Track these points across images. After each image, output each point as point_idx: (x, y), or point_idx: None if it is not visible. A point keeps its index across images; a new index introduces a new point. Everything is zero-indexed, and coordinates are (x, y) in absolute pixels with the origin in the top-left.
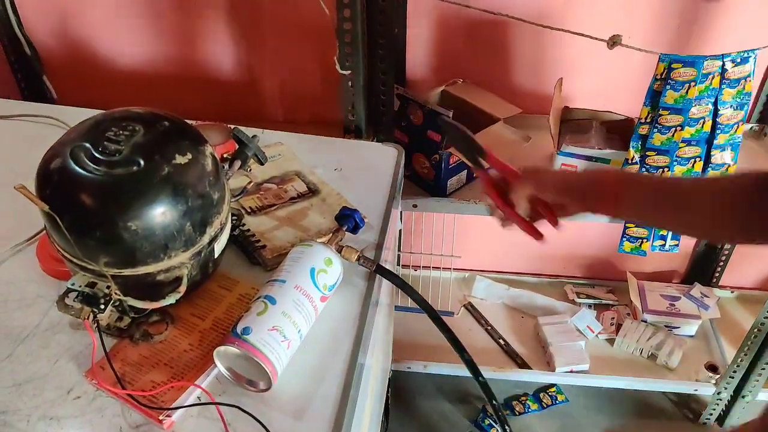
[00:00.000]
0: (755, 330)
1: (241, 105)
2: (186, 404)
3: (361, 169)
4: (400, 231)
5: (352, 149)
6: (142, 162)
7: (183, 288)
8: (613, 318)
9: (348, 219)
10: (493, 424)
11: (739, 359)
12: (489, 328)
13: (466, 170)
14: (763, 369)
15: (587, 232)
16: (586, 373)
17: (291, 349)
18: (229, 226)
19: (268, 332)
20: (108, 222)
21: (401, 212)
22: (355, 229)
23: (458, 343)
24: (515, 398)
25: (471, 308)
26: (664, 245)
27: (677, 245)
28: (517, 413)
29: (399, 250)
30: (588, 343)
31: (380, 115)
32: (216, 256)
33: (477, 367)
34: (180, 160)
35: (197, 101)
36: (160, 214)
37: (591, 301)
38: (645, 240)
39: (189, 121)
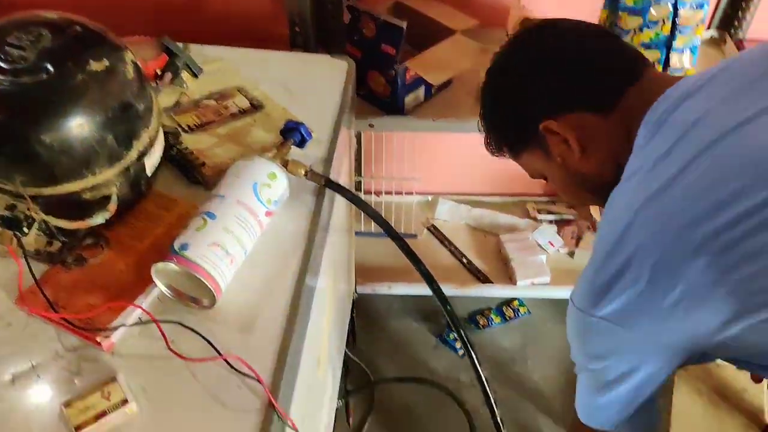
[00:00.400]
0: None
1: (181, 22)
2: (125, 324)
3: (309, 84)
4: (358, 155)
5: (300, 63)
6: (51, 69)
7: (112, 207)
8: (574, 232)
9: (293, 132)
10: (458, 338)
11: None
12: (452, 248)
13: (423, 86)
14: None
15: None
16: (547, 285)
17: (235, 265)
18: (161, 141)
19: (208, 248)
20: (18, 136)
21: (359, 133)
22: (301, 143)
23: (412, 254)
24: (479, 313)
25: (434, 230)
26: None
27: None
28: (481, 327)
29: (360, 175)
30: (549, 257)
31: (329, 27)
32: (148, 173)
33: (431, 275)
34: (95, 66)
35: (132, 19)
36: (77, 126)
37: (552, 216)
38: None
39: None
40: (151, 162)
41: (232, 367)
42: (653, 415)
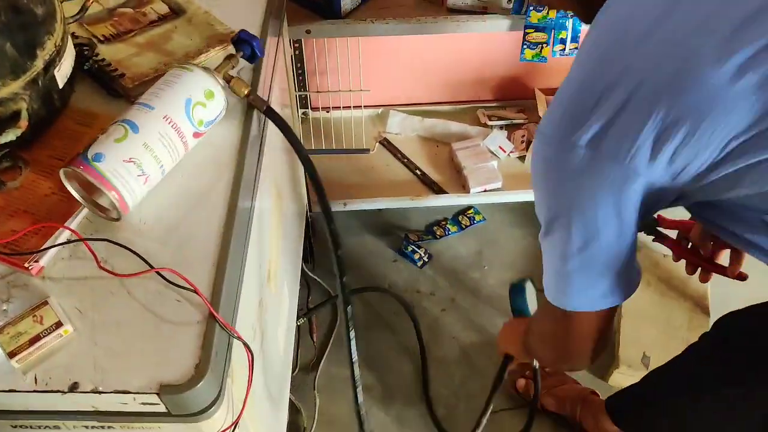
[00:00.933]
0: None
1: None
2: (51, 245)
3: None
4: (301, 68)
5: None
6: None
7: (24, 122)
8: (524, 136)
9: (244, 45)
10: (416, 249)
11: None
12: (405, 160)
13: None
14: None
15: (493, 52)
16: (500, 190)
17: (149, 185)
18: (71, 53)
19: (123, 163)
20: None
21: (300, 45)
22: (251, 59)
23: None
24: (436, 224)
25: (386, 144)
26: (564, 49)
27: (577, 48)
28: (438, 237)
29: (305, 90)
30: (500, 163)
31: None
32: (60, 86)
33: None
34: None
35: None
36: None
37: (502, 122)
38: (545, 45)
39: None
40: (62, 74)
41: (166, 279)
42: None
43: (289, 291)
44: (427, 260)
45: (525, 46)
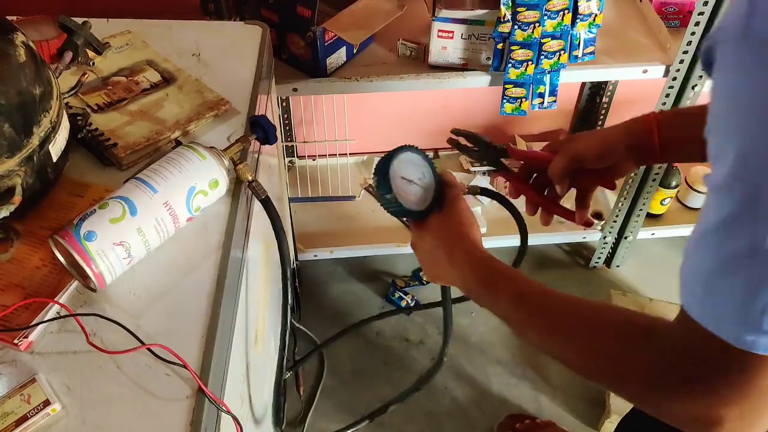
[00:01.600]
0: (632, 175)
1: None
2: (40, 321)
3: (222, 52)
4: (288, 120)
5: (211, 32)
6: None
7: (18, 198)
8: (506, 181)
9: (259, 129)
10: (403, 296)
11: (620, 204)
12: None
13: (345, 47)
14: (641, 210)
15: (474, 102)
16: (484, 236)
17: (132, 265)
18: (65, 126)
19: (113, 246)
20: None
21: (287, 98)
22: (263, 142)
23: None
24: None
25: (372, 190)
26: (542, 102)
27: (555, 101)
28: (426, 282)
29: (292, 140)
30: (484, 208)
31: None
32: (54, 160)
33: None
34: None
35: None
36: None
37: (485, 168)
38: (524, 99)
39: (11, 18)
40: (57, 148)
41: (156, 355)
42: None
43: (276, 346)
44: (413, 306)
45: (504, 101)
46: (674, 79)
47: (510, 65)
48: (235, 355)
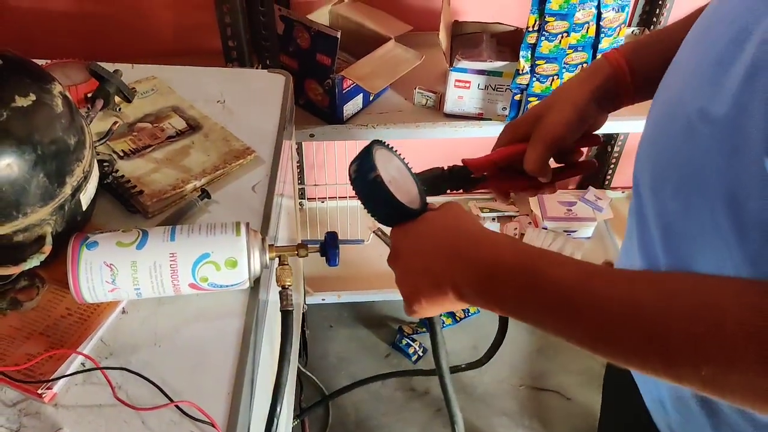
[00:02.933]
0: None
1: (108, 41)
2: (66, 374)
3: (246, 99)
4: (300, 163)
5: (235, 79)
6: None
7: (48, 247)
8: (516, 228)
9: (328, 249)
10: (411, 343)
11: None
12: None
13: (362, 94)
14: None
15: (486, 150)
16: None
17: (115, 296)
18: (96, 174)
19: (103, 264)
20: None
21: (300, 144)
22: (327, 260)
23: None
24: None
25: (381, 234)
26: None
27: None
28: None
29: (302, 183)
30: None
31: (263, 39)
32: (84, 208)
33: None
34: (21, 102)
35: (55, 39)
36: (5, 166)
37: (494, 214)
38: None
39: (39, 61)
40: (87, 196)
41: (184, 412)
42: None
43: (288, 393)
44: (422, 354)
45: None
46: None
47: None
48: (257, 408)
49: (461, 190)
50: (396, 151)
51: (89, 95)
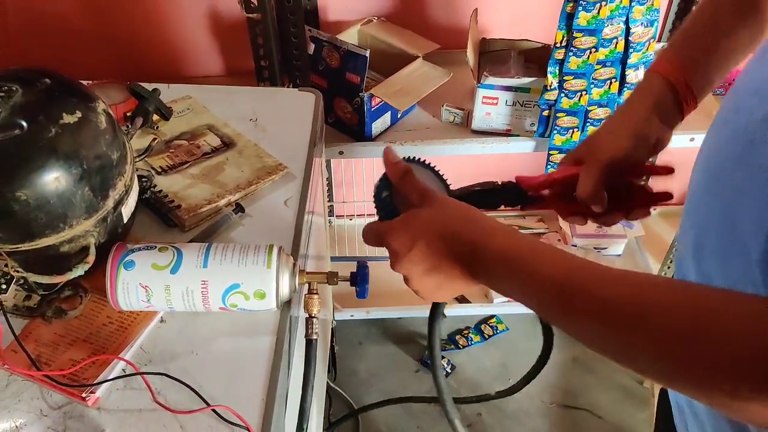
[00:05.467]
0: (676, 243)
1: (145, 62)
2: (109, 378)
3: (278, 118)
4: (329, 180)
5: (267, 98)
6: (24, 125)
7: (92, 258)
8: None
9: (359, 282)
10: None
11: (663, 273)
12: None
13: (390, 112)
14: None
15: (514, 166)
16: None
17: (150, 309)
18: (136, 188)
19: (138, 285)
20: None
21: (329, 160)
22: (358, 293)
23: None
24: (458, 333)
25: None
26: None
27: None
28: (461, 346)
29: (331, 200)
30: None
31: (294, 59)
32: (125, 221)
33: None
34: (68, 119)
35: (94, 60)
36: (53, 180)
37: (523, 231)
38: None
39: (83, 82)
40: (128, 209)
41: (221, 416)
42: None
43: (318, 407)
44: (450, 371)
45: (549, 166)
46: None
47: (555, 132)
48: (289, 416)
49: (517, 206)
50: (430, 164)
51: (128, 114)
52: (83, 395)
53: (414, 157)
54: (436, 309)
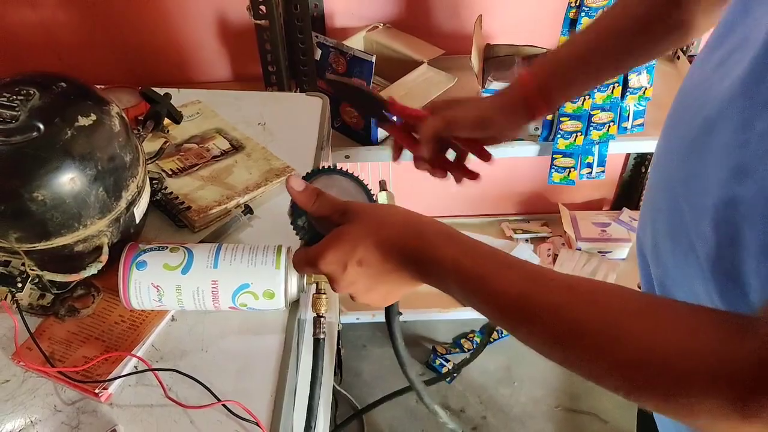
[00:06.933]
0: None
1: (154, 68)
2: (122, 374)
3: (285, 122)
4: None
5: (275, 102)
6: (41, 127)
7: (105, 257)
8: (549, 249)
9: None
10: (444, 363)
11: None
12: None
13: (395, 117)
14: None
15: (518, 170)
16: None
17: (161, 308)
18: (148, 189)
19: (150, 285)
20: (12, 194)
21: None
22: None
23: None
24: (463, 336)
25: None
26: (590, 172)
27: (603, 171)
28: (466, 350)
29: None
30: None
31: (301, 65)
32: (137, 221)
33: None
34: (83, 122)
35: (105, 67)
36: (69, 181)
37: (527, 235)
38: (572, 169)
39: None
40: (140, 210)
41: (231, 411)
42: None
43: (324, 409)
44: (455, 375)
45: (553, 170)
46: None
47: (559, 136)
48: (299, 410)
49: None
50: (342, 169)
51: (139, 118)
52: (96, 391)
53: (322, 167)
54: (390, 310)
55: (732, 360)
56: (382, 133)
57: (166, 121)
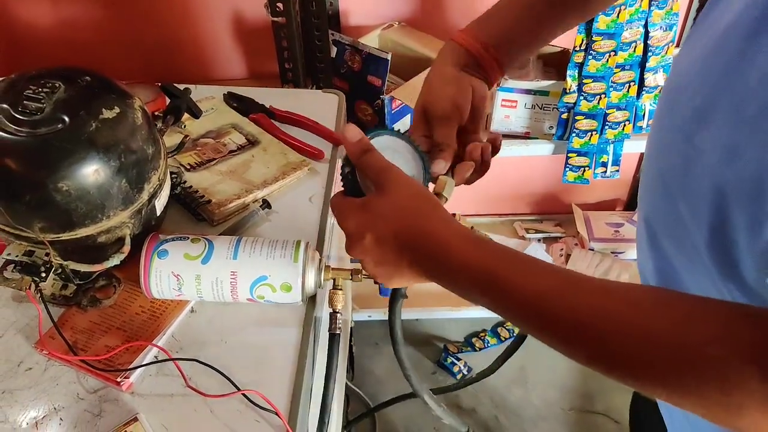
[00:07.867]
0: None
1: (172, 65)
2: (143, 363)
3: None
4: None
5: (291, 98)
6: (66, 119)
7: (127, 248)
8: (562, 249)
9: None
10: (456, 361)
11: None
12: None
13: (409, 114)
14: None
15: (532, 170)
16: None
17: (180, 297)
18: (168, 183)
19: (171, 273)
20: (37, 185)
21: None
22: (381, 290)
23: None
24: (474, 335)
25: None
26: (605, 171)
27: (618, 170)
28: (478, 349)
29: None
30: None
31: (317, 62)
32: (158, 213)
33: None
34: (107, 114)
35: (124, 63)
36: (93, 172)
37: (540, 235)
38: (587, 168)
39: None
40: (161, 202)
41: (250, 400)
42: None
43: (337, 405)
44: (467, 373)
45: (567, 169)
46: None
47: (574, 135)
48: (315, 403)
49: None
50: (406, 133)
51: (157, 113)
52: (118, 380)
53: (392, 129)
54: (396, 291)
55: (764, 344)
56: (396, 128)
57: (185, 116)
